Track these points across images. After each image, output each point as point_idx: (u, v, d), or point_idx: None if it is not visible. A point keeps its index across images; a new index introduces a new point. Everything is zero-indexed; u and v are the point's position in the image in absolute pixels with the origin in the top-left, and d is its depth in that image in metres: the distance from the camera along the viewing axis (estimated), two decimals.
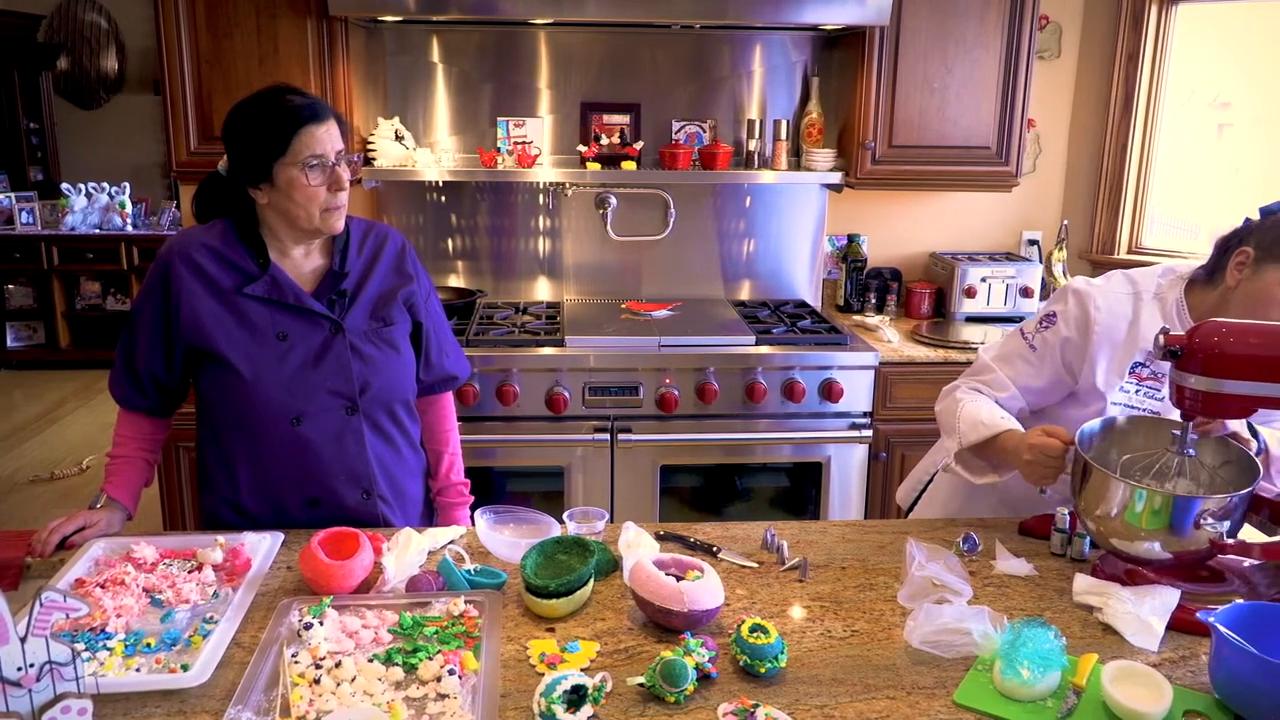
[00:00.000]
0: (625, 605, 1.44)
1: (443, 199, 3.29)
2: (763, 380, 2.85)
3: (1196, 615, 1.26)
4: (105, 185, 6.22)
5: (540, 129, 3.25)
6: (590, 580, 1.45)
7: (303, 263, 1.72)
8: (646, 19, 2.91)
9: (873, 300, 3.45)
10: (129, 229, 6.14)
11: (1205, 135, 3.42)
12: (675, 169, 3.12)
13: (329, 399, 1.68)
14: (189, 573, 1.47)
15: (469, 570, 1.49)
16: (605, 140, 3.20)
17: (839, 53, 3.26)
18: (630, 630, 1.38)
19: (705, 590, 1.34)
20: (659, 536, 1.66)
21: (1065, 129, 3.53)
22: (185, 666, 1.23)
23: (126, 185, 6.28)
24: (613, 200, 3.29)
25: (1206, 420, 1.54)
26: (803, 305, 3.34)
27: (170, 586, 1.42)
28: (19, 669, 1.05)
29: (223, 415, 1.70)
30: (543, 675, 1.24)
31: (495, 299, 3.36)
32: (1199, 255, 1.74)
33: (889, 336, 3.08)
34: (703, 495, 3.12)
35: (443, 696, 1.19)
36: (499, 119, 3.23)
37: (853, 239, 3.44)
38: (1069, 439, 1.55)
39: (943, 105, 3.07)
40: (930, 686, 1.25)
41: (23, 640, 1.05)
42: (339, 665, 1.22)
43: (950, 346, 3.00)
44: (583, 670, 1.25)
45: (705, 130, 3.30)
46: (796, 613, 1.44)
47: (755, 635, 1.26)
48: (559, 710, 1.13)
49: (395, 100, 3.23)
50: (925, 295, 3.39)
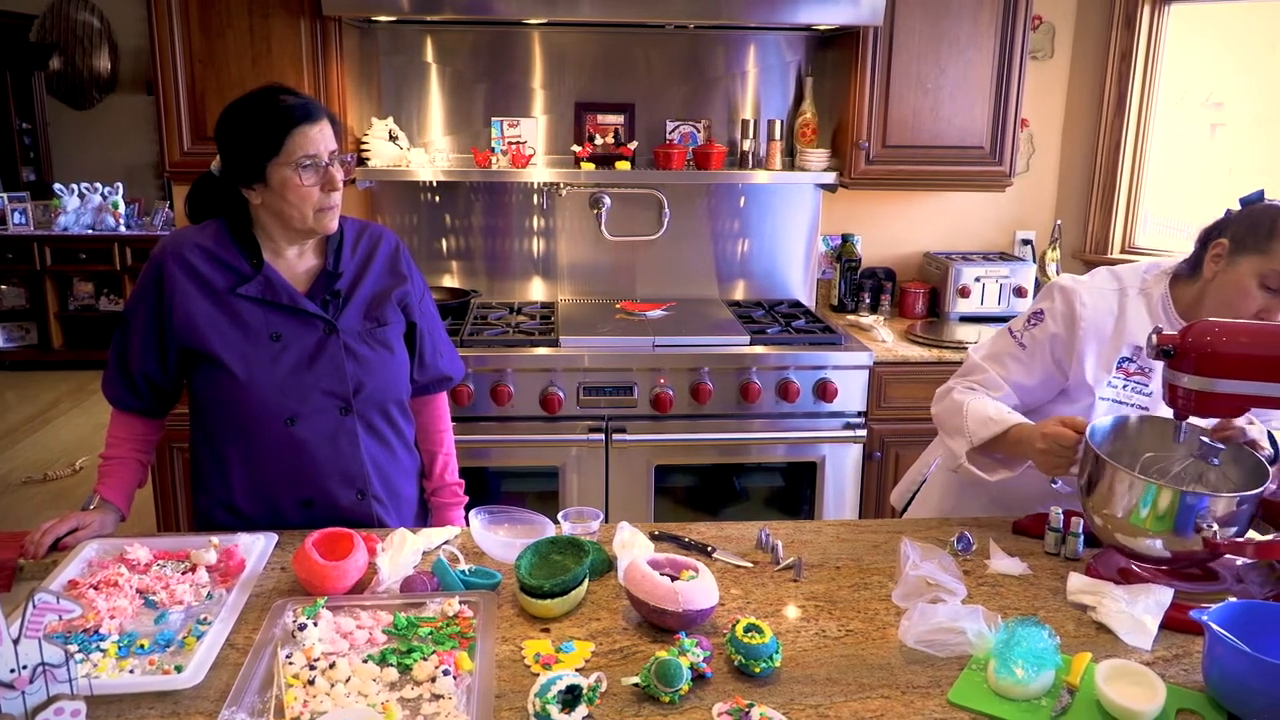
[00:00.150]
0: (620, 605, 1.44)
1: (437, 199, 3.29)
2: (757, 380, 2.85)
3: (1190, 614, 1.26)
4: (98, 185, 6.20)
5: (534, 129, 3.25)
6: (585, 580, 1.45)
7: (296, 263, 1.72)
8: (640, 19, 2.91)
9: (867, 300, 3.46)
10: (122, 229, 6.12)
11: (1198, 135, 3.43)
12: (669, 169, 3.12)
13: (323, 399, 1.68)
14: (183, 574, 1.47)
15: (464, 571, 1.49)
16: (599, 140, 3.19)
17: (833, 53, 3.27)
18: (625, 630, 1.38)
19: (700, 590, 1.34)
20: (654, 536, 1.66)
21: (1059, 129, 3.54)
22: (179, 668, 1.23)
23: (119, 185, 6.27)
24: (607, 200, 3.29)
25: (1227, 426, 1.55)
26: (797, 305, 3.34)
27: (164, 588, 1.42)
28: (12, 671, 1.04)
29: (216, 416, 1.70)
30: (538, 675, 1.24)
31: (489, 299, 3.35)
32: (1189, 254, 1.75)
33: (883, 336, 3.08)
34: (697, 495, 3.12)
35: (437, 697, 1.19)
36: (493, 119, 3.23)
37: (847, 239, 3.44)
38: (1083, 428, 1.55)
39: (936, 105, 3.08)
40: (925, 686, 1.25)
41: (15, 642, 1.04)
42: (333, 666, 1.22)
43: (944, 346, 3.00)
44: (578, 670, 1.25)
45: (699, 130, 3.30)
46: (791, 612, 1.44)
47: (750, 635, 1.26)
48: (554, 710, 1.13)
49: (389, 100, 3.22)
50: (919, 295, 3.40)
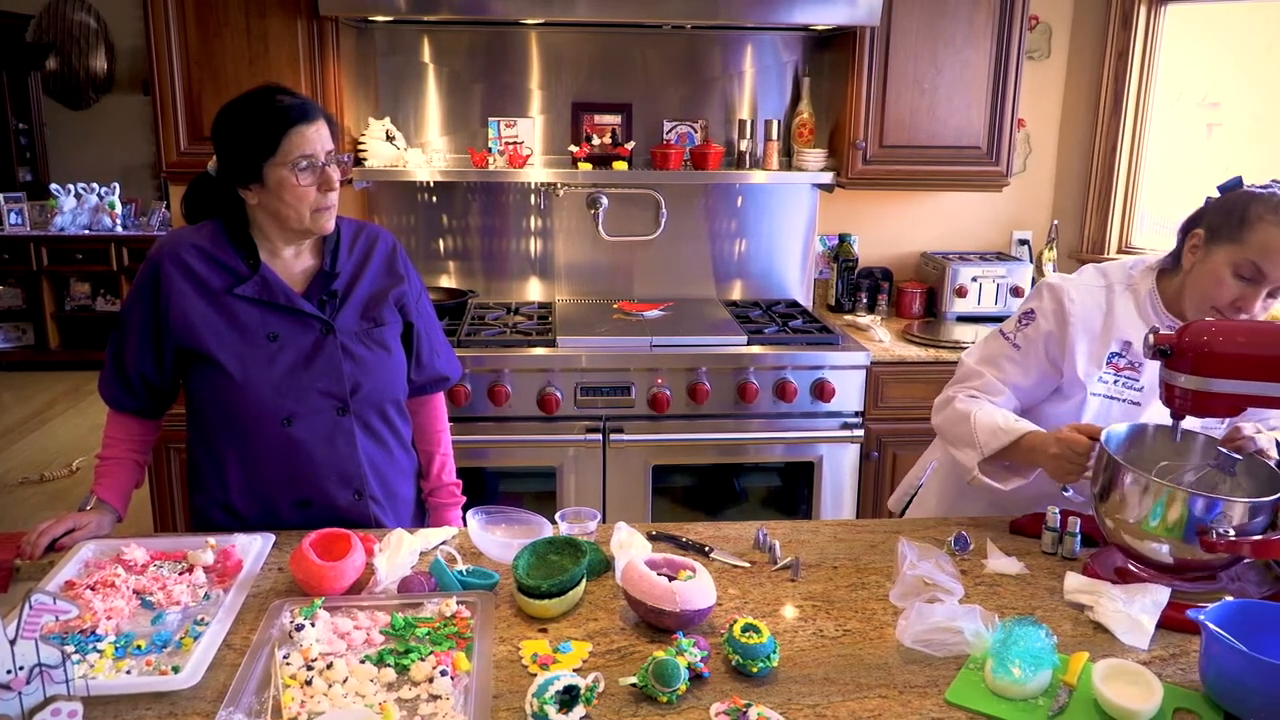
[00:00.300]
0: (617, 605, 1.44)
1: (434, 199, 3.29)
2: (754, 380, 2.85)
3: (1187, 613, 1.26)
4: (95, 186, 6.19)
5: (531, 129, 3.25)
6: (582, 580, 1.45)
7: (293, 263, 1.71)
8: (637, 19, 2.91)
9: (864, 300, 3.46)
10: (118, 230, 6.11)
11: (1195, 135, 3.44)
12: (667, 169, 3.12)
13: (320, 400, 1.68)
14: (180, 574, 1.47)
15: (461, 571, 1.49)
16: (596, 140, 3.19)
17: (830, 53, 3.27)
18: (622, 630, 1.38)
19: (697, 590, 1.34)
20: (651, 536, 1.66)
21: (1055, 129, 3.55)
22: (176, 668, 1.23)
23: (116, 186, 6.25)
24: (604, 200, 3.29)
25: (1236, 435, 1.55)
26: (794, 305, 3.34)
27: (161, 588, 1.42)
28: (8, 672, 1.04)
29: (213, 416, 1.70)
30: (535, 676, 1.24)
31: (487, 299, 3.35)
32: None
33: (880, 336, 3.09)
34: (695, 495, 3.12)
35: (435, 697, 1.19)
36: (490, 119, 3.23)
37: (844, 239, 3.44)
38: (1097, 435, 1.55)
39: (933, 105, 3.08)
40: (922, 685, 1.25)
41: (12, 643, 1.04)
42: (330, 667, 1.21)
43: (941, 346, 3.01)
44: (575, 670, 1.25)
45: (696, 130, 3.30)
46: (788, 612, 1.44)
47: (747, 635, 1.26)
48: (551, 711, 1.13)
49: (386, 100, 3.22)
50: (916, 295, 3.40)
